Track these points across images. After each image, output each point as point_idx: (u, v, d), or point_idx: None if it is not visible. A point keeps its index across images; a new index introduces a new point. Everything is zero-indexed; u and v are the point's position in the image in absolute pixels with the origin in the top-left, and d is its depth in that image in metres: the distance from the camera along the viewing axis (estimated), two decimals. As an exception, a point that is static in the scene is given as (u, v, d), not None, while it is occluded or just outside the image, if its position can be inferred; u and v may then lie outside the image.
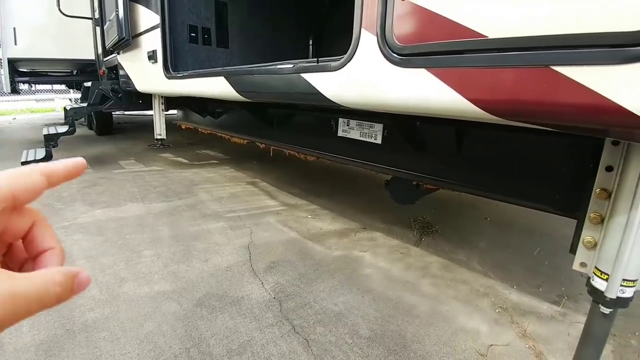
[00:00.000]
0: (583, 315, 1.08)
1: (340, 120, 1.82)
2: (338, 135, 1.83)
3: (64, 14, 4.35)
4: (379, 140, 1.64)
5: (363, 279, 1.63)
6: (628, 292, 0.85)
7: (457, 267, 1.78)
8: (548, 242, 2.09)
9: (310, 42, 3.53)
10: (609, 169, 0.86)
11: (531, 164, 1.18)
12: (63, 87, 11.19)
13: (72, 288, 0.27)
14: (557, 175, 1.11)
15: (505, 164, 1.25)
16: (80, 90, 6.66)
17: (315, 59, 1.27)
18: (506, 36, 0.72)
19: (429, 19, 0.87)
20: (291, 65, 1.36)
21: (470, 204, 2.74)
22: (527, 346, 1.24)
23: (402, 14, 0.94)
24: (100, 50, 4.66)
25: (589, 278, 0.91)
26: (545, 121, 0.75)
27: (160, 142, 3.67)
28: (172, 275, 1.61)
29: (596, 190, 0.88)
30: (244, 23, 3.36)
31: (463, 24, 0.79)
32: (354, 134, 1.74)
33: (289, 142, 2.29)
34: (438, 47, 0.85)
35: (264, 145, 2.76)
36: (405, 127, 1.44)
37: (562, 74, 0.66)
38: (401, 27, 0.94)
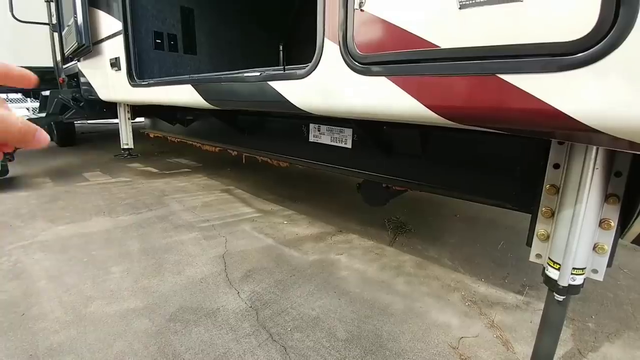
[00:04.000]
0: (544, 302, 1.17)
1: (311, 126, 1.84)
2: (309, 140, 1.85)
3: (17, 19, 4.11)
4: (349, 145, 1.67)
5: (339, 282, 1.66)
6: (578, 280, 0.92)
7: (430, 264, 1.84)
8: (512, 234, 2.21)
9: (281, 48, 3.54)
10: (556, 166, 0.93)
11: (489, 163, 1.25)
12: (19, 95, 10.54)
13: (34, 136, 0.31)
14: (513, 173, 1.18)
15: (466, 164, 1.32)
16: (38, 99, 6.30)
17: (282, 67, 1.29)
18: (456, 46, 0.77)
19: (387, 30, 0.91)
20: (258, 74, 1.37)
21: (441, 202, 2.84)
22: (494, 336, 1.30)
23: (362, 25, 0.97)
24: (59, 58, 4.44)
25: (544, 268, 0.98)
26: (495, 125, 0.80)
27: (127, 152, 3.55)
28: (143, 290, 1.56)
29: (546, 186, 0.95)
30: (212, 29, 3.32)
31: (417, 34, 0.83)
32: (325, 139, 1.77)
33: (260, 149, 2.28)
34: (396, 56, 0.89)
35: (236, 153, 2.73)
36: (374, 132, 1.48)
37: (507, 81, 0.71)
38: (362, 36, 0.97)
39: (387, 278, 1.70)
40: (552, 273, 0.93)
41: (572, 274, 0.89)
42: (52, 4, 3.87)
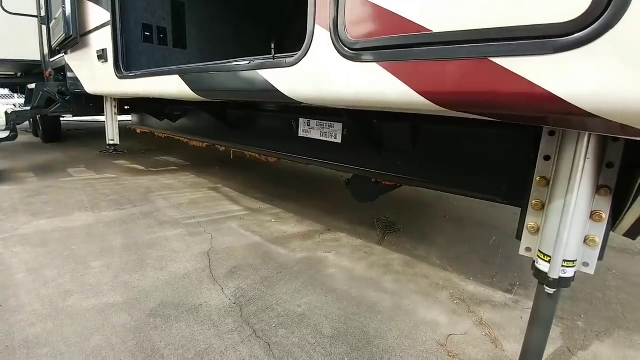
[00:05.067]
0: (534, 297, 1.15)
1: (301, 120, 1.81)
2: (299, 135, 1.82)
3: (6, 11, 4.02)
4: (339, 140, 1.64)
5: (327, 279, 1.62)
6: (569, 272, 0.90)
7: (418, 262, 1.82)
8: (500, 234, 2.20)
9: (272, 46, 3.52)
10: (546, 158, 0.92)
11: (480, 158, 1.24)
12: (7, 91, 10.31)
13: None
14: (503, 167, 1.17)
15: (456, 159, 1.31)
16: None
17: (271, 55, 1.26)
18: (448, 30, 0.75)
19: (379, 14, 0.89)
20: (247, 62, 1.33)
21: (430, 202, 2.83)
22: (483, 333, 1.28)
23: (353, 10, 0.95)
24: (46, 51, 4.34)
25: (534, 262, 0.96)
26: (487, 111, 0.78)
27: (113, 148, 3.46)
28: (124, 285, 1.50)
29: (536, 178, 0.93)
30: (204, 24, 3.27)
31: (409, 18, 0.81)
32: (315, 134, 1.74)
33: (249, 144, 2.24)
34: (387, 42, 0.86)
35: (224, 148, 2.68)
36: (364, 126, 1.46)
37: (499, 64, 0.69)
38: (353, 22, 0.95)
39: (375, 276, 1.67)
40: (543, 266, 0.92)
41: (563, 266, 0.88)
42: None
